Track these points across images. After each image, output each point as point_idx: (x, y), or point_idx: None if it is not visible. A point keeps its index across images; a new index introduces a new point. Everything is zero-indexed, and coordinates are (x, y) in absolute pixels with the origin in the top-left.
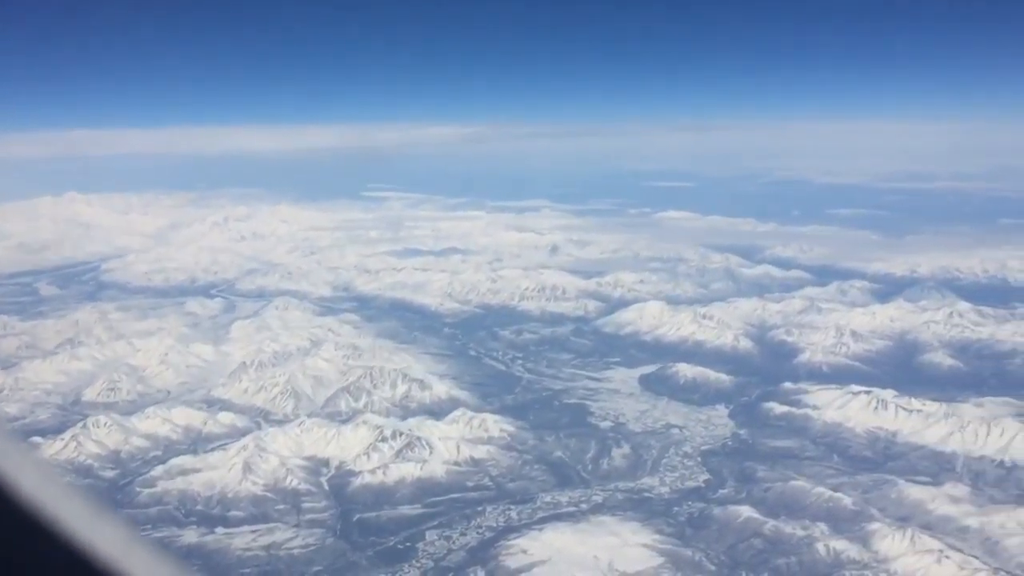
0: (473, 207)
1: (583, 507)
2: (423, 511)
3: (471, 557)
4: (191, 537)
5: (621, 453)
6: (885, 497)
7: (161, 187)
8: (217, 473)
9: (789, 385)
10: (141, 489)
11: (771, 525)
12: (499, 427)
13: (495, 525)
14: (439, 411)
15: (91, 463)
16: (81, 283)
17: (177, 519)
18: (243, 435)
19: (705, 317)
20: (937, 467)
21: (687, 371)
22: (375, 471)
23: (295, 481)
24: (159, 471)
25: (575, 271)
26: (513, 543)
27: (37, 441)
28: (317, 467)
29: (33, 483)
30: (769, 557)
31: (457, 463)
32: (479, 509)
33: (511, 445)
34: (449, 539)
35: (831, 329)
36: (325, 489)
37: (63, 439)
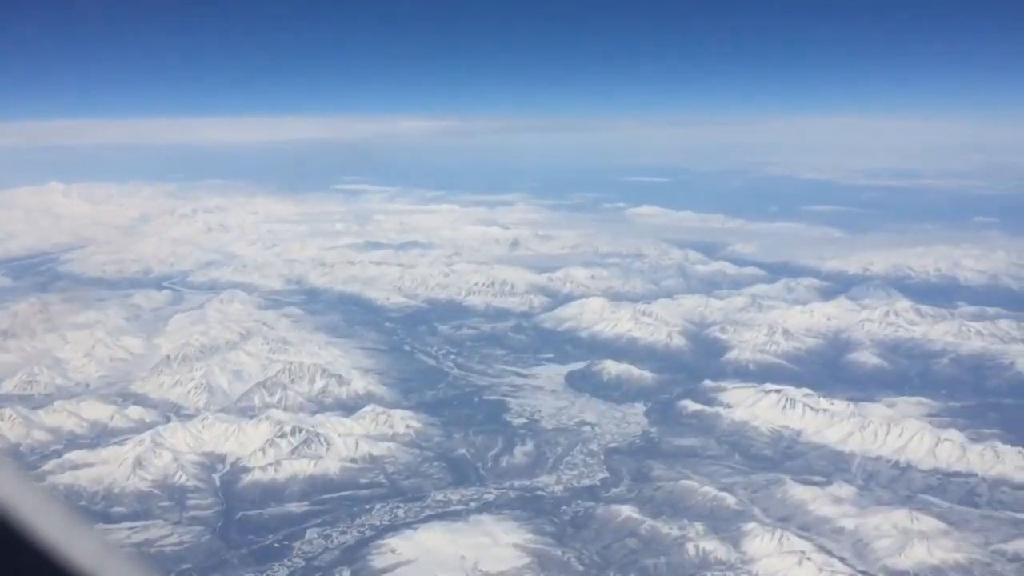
0: (449, 201)
1: (472, 505)
2: (310, 509)
3: (344, 557)
4: None
5: (524, 451)
6: (771, 497)
7: (145, 177)
8: (107, 468)
9: (709, 383)
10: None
11: (648, 525)
12: (405, 424)
13: (378, 524)
14: (353, 407)
15: None
16: (36, 274)
17: None
18: (149, 430)
19: (644, 314)
20: (833, 467)
21: (612, 368)
22: (266, 468)
23: (184, 478)
24: (51, 465)
25: (531, 266)
26: (386, 542)
27: None
28: (213, 463)
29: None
30: (640, 557)
31: (354, 460)
32: (367, 507)
33: (415, 442)
34: (328, 538)
35: (764, 327)
36: (215, 486)
37: None
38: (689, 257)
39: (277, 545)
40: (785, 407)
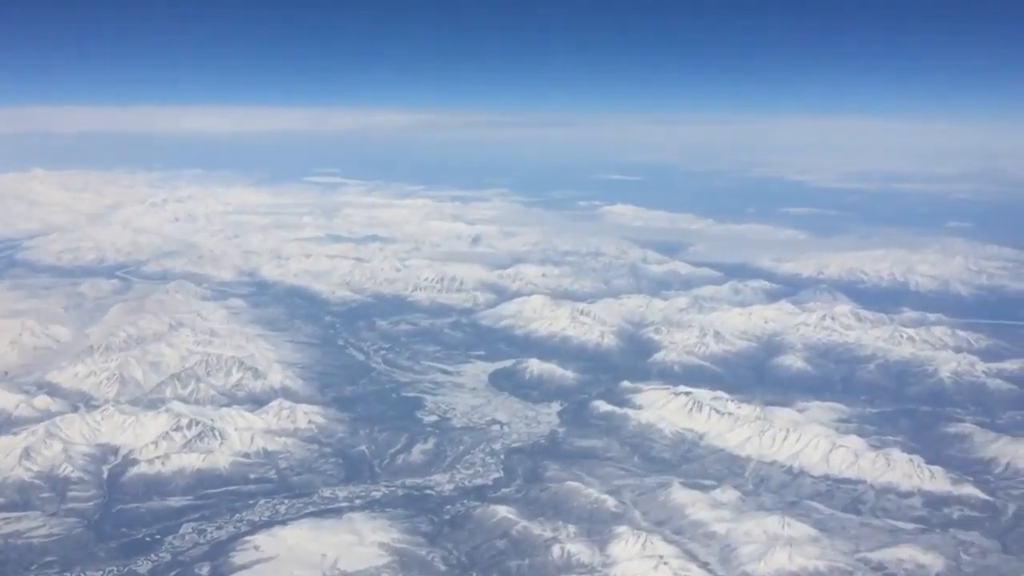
0: (426, 195)
1: (357, 503)
2: (192, 503)
3: (210, 553)
4: None
5: (424, 449)
6: (653, 500)
7: (130, 165)
8: None
9: (627, 384)
10: None
11: (522, 526)
12: (309, 419)
13: (257, 520)
14: (266, 401)
15: None
16: None
17: None
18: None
19: (582, 314)
20: (728, 471)
21: (536, 367)
22: (153, 461)
23: (70, 469)
24: None
25: (489, 262)
26: (252, 539)
27: None
28: (104, 455)
29: None
30: (506, 558)
31: (247, 455)
32: (250, 503)
33: (316, 438)
34: (202, 533)
35: (696, 329)
36: (102, 478)
37: None
38: (647, 257)
39: (148, 539)
40: (692, 410)
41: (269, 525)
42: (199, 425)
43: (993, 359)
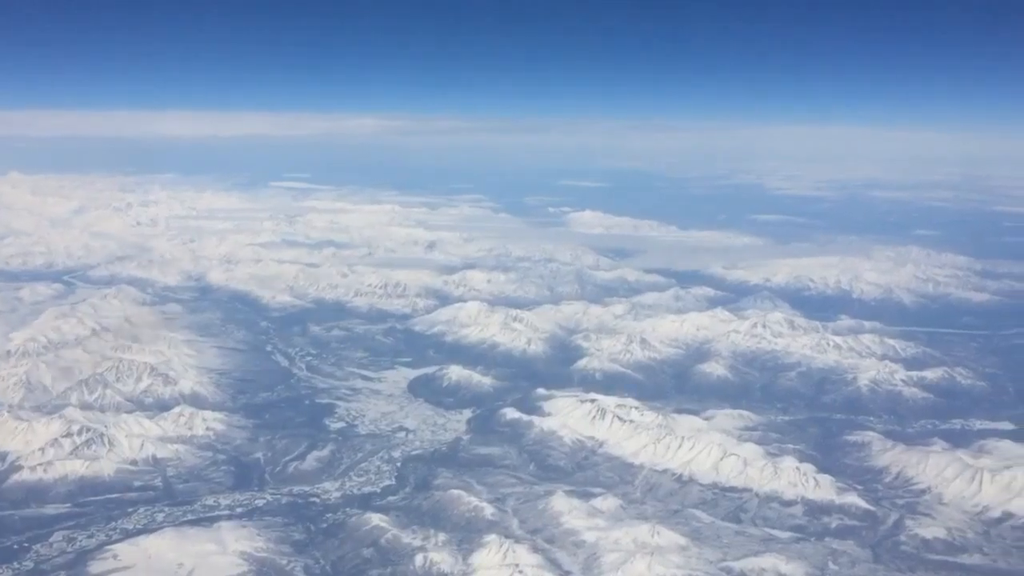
0: (397, 200)
1: (238, 511)
2: (69, 511)
3: (72, 561)
4: None
5: (320, 456)
6: (533, 509)
7: (108, 169)
8: None
9: (542, 391)
10: None
11: (392, 534)
12: (207, 426)
13: (131, 528)
14: (171, 407)
15: None
16: None
17: None
18: None
19: (515, 320)
20: (619, 479)
21: (455, 374)
22: (35, 468)
23: None
24: None
25: (438, 268)
26: (113, 548)
27: None
28: None
29: None
30: (369, 568)
31: (134, 462)
32: (129, 511)
33: (211, 444)
34: (72, 541)
35: (624, 336)
36: None
37: None
38: (598, 263)
39: (16, 547)
40: (595, 418)
41: (140, 534)
42: (89, 432)
43: (916, 367)
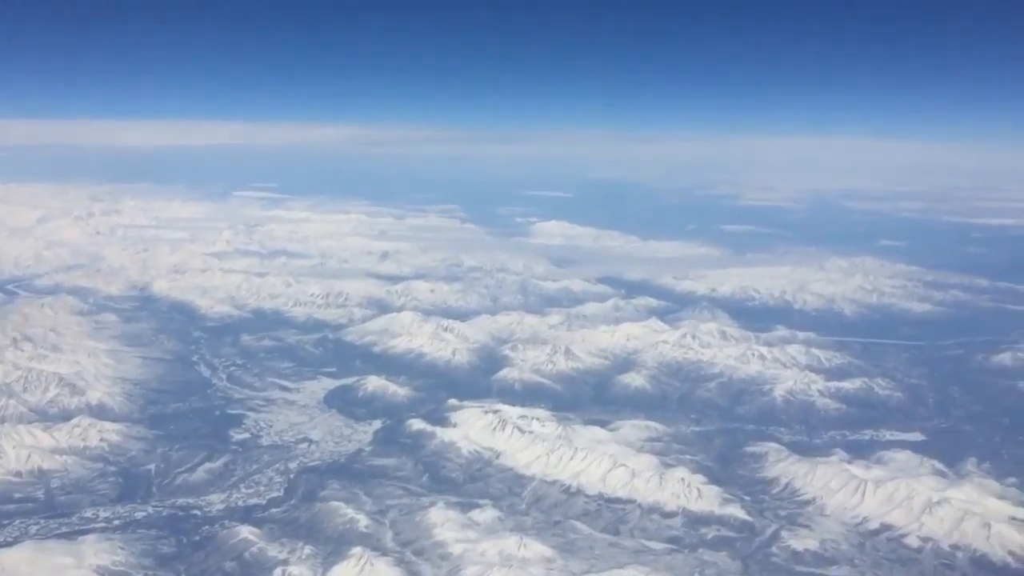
0: (367, 209)
1: (115, 523)
2: None
3: None
4: None
5: (213, 467)
6: (410, 521)
7: (83, 179)
8: None
9: (454, 402)
10: None
11: (257, 548)
12: (102, 437)
13: (1, 541)
14: (74, 416)
15: None
16: None
17: None
18: None
19: (447, 330)
20: (507, 490)
21: (371, 385)
22: None
23: None
24: None
25: (388, 277)
26: None
27: None
28: None
29: None
30: None
31: (19, 474)
32: (4, 523)
33: (104, 456)
34: None
35: (550, 347)
36: None
37: None
38: (550, 273)
39: None
40: (496, 429)
41: (2, 547)
42: None
43: (837, 378)
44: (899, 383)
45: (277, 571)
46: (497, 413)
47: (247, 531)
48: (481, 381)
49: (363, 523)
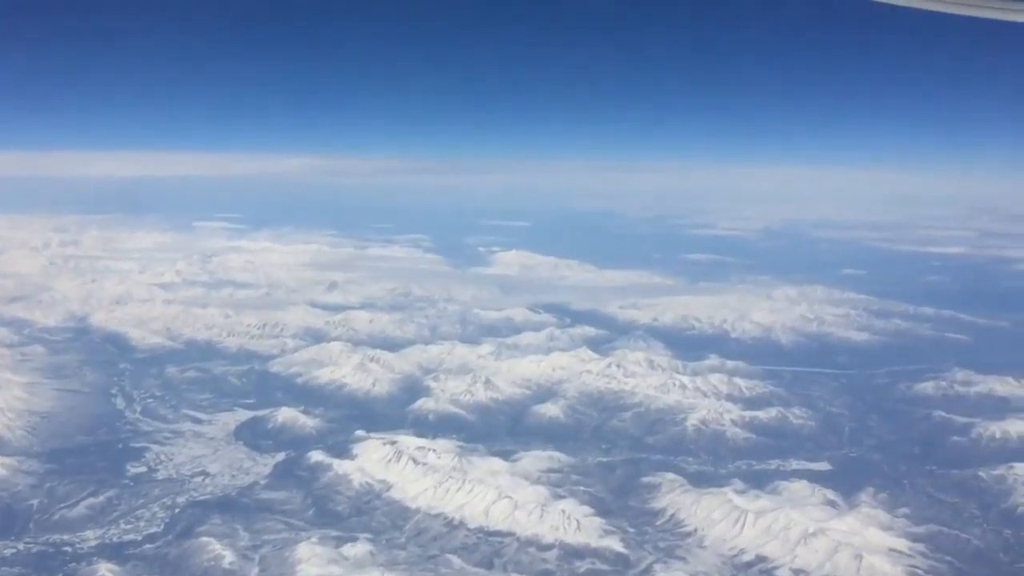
0: (333, 240)
1: None
2: None
3: None
4: None
5: (94, 503)
6: (279, 556)
7: (51, 210)
8: None
9: (360, 433)
10: None
11: None
12: None
13: None
14: None
15: None
16: None
17: None
18: None
19: (373, 360)
20: (391, 523)
21: (281, 416)
22: None
23: None
24: None
25: (330, 307)
26: None
27: None
28: None
29: None
30: None
31: None
32: None
33: None
34: None
35: (470, 377)
36: None
37: None
38: (491, 302)
39: None
40: (391, 460)
41: None
42: None
43: (754, 407)
44: (817, 412)
45: None
46: (395, 445)
47: (106, 569)
48: (397, 412)
49: (228, 560)
